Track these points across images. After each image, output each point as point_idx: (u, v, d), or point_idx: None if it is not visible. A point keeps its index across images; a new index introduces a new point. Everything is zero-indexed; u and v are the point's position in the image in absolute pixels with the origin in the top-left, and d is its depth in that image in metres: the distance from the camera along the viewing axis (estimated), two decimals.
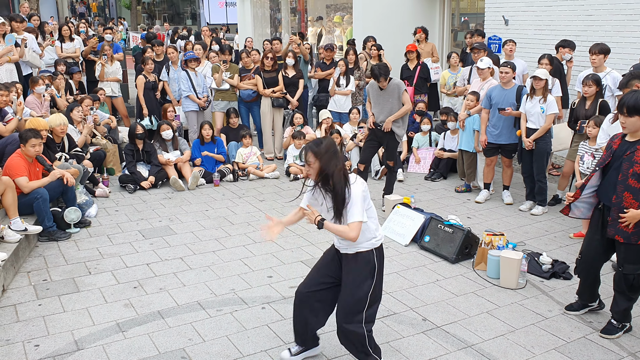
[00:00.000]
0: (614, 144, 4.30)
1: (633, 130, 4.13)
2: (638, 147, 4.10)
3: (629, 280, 4.30)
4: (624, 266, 4.30)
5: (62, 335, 4.43)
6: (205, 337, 4.42)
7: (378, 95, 7.17)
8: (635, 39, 8.05)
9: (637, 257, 4.26)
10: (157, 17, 42.96)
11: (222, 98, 9.75)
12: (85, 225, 6.71)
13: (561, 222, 6.86)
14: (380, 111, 7.16)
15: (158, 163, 8.28)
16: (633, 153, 4.11)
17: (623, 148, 4.20)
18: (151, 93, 9.81)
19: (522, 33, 9.89)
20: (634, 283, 4.30)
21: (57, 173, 6.47)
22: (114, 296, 5.07)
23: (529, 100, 6.89)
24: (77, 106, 8.44)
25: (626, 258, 4.28)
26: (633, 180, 4.10)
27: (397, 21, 12.38)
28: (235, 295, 5.10)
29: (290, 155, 8.92)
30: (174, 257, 5.91)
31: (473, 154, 7.96)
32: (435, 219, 6.22)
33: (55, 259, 5.84)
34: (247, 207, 7.43)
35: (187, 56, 9.49)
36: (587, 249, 4.57)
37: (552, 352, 4.25)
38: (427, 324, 4.63)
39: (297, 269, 5.63)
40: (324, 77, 10.14)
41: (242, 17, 17.85)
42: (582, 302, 4.81)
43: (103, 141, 8.74)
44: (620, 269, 4.33)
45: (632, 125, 4.10)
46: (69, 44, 11.07)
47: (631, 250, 4.24)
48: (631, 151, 4.12)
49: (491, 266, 5.47)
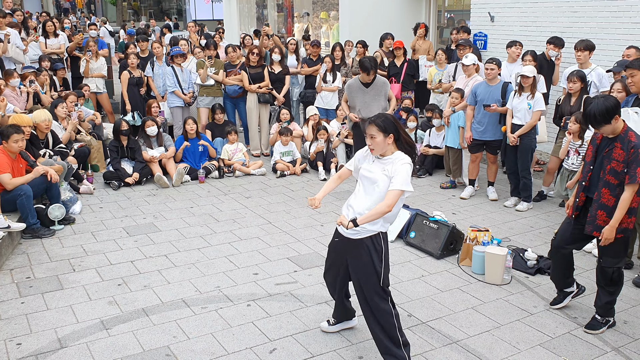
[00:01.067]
0: (597, 138, 4.36)
1: (609, 133, 4.19)
2: (615, 145, 4.16)
3: (608, 274, 4.36)
4: (603, 259, 4.36)
5: (45, 334, 4.39)
6: (189, 334, 4.40)
7: (363, 93, 7.09)
8: (619, 36, 8.11)
9: (615, 251, 4.32)
10: (142, 14, 42.68)
11: (207, 94, 9.70)
12: (69, 222, 6.65)
13: (546, 218, 6.90)
14: (368, 109, 7.05)
15: (142, 160, 8.22)
16: (611, 150, 4.18)
17: (603, 144, 4.27)
18: (135, 89, 9.73)
19: (508, 30, 9.92)
20: (613, 277, 4.36)
21: (41, 169, 6.40)
22: (98, 294, 5.03)
23: (517, 97, 6.92)
24: (61, 102, 8.36)
25: (605, 252, 4.34)
26: (610, 176, 4.17)
27: (383, 18, 12.38)
28: (221, 292, 5.08)
29: (277, 151, 8.89)
30: (159, 254, 5.87)
31: (458, 151, 7.98)
32: (421, 214, 6.23)
33: (39, 257, 5.78)
34: (233, 204, 7.40)
35: (173, 52, 9.42)
36: (561, 233, 4.63)
37: (537, 348, 4.28)
38: (412, 320, 4.64)
39: (283, 266, 5.62)
40: (311, 73, 10.12)
41: (228, 14, 17.76)
42: (560, 292, 4.84)
43: (87, 138, 8.66)
44: (600, 262, 4.40)
45: (607, 131, 4.17)
46: (53, 39, 10.96)
47: (612, 244, 4.28)
48: (609, 148, 4.19)
49: (476, 262, 5.49)
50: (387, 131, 3.73)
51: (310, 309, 4.78)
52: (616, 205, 4.16)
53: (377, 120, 3.74)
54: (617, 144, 4.15)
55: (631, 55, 6.95)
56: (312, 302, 4.89)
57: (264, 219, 6.86)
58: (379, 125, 3.72)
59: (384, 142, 3.74)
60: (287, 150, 8.87)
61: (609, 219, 4.19)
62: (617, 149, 4.14)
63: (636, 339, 4.39)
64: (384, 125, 3.73)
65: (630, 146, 4.08)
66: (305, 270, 5.50)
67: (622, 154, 4.11)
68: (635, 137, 4.13)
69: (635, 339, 4.39)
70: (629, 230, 4.28)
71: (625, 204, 4.13)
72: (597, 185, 4.28)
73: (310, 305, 4.84)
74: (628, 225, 4.24)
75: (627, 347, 4.30)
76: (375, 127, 3.72)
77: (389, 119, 3.78)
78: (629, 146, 4.08)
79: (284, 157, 8.83)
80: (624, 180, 4.12)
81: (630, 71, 5.19)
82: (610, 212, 4.19)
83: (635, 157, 4.05)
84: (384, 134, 3.73)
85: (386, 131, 3.73)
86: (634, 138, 4.12)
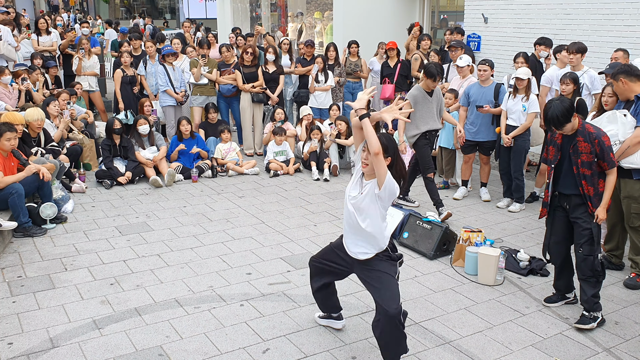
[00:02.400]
0: (557, 139, 4.59)
1: (569, 131, 4.46)
2: (578, 139, 4.44)
3: (590, 262, 4.49)
4: (583, 248, 4.51)
5: (37, 333, 4.36)
6: (182, 334, 4.39)
7: (427, 102, 6.77)
8: (612, 38, 8.15)
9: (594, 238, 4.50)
10: (135, 12, 42.51)
11: (200, 93, 9.68)
12: (61, 221, 6.61)
13: (538, 219, 6.92)
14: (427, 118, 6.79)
15: (135, 158, 8.19)
16: (576, 145, 4.45)
17: (565, 142, 4.53)
18: (128, 87, 9.69)
19: (501, 31, 9.96)
20: (595, 264, 4.49)
21: (33, 168, 6.36)
22: (90, 293, 5.00)
23: (511, 98, 6.95)
24: (53, 100, 8.31)
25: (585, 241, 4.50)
26: (584, 169, 4.46)
27: (377, 18, 12.39)
28: (214, 292, 5.07)
29: (270, 151, 8.87)
30: (151, 253, 5.85)
31: (452, 151, 8.00)
32: (414, 215, 6.24)
33: (31, 255, 5.75)
34: (226, 204, 7.39)
35: (165, 51, 9.39)
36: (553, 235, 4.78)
37: (529, 349, 4.30)
38: (405, 321, 4.64)
39: (277, 266, 5.61)
40: (304, 73, 10.11)
41: (222, 12, 17.72)
42: (559, 294, 4.92)
43: (80, 136, 8.62)
44: (580, 251, 4.53)
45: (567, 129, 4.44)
46: (45, 37, 10.90)
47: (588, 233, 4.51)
48: (573, 144, 4.47)
49: (469, 263, 5.50)
50: (387, 152, 3.65)
51: (304, 309, 4.78)
52: (596, 192, 4.46)
53: (382, 138, 3.65)
54: (579, 138, 4.44)
55: (619, 57, 6.99)
56: (305, 302, 4.89)
57: (257, 219, 6.85)
58: (383, 143, 3.61)
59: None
60: (280, 150, 8.87)
61: (595, 207, 4.48)
62: (581, 142, 4.43)
63: (627, 340, 4.42)
64: (387, 144, 3.65)
65: (592, 137, 4.39)
66: (298, 270, 5.50)
67: (587, 146, 4.40)
68: (594, 128, 4.46)
69: (626, 340, 4.42)
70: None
71: (611, 185, 4.48)
72: (564, 182, 4.56)
73: (304, 305, 4.84)
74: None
75: (619, 347, 4.33)
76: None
77: (393, 142, 3.73)
78: (591, 138, 4.39)
79: (278, 157, 8.83)
80: (596, 170, 4.43)
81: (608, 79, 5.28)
82: (592, 200, 4.47)
83: (602, 145, 4.37)
84: (385, 153, 3.62)
85: (387, 152, 3.65)
86: (592, 129, 4.44)
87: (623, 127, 5.02)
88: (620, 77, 5.13)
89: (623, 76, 5.11)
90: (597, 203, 4.48)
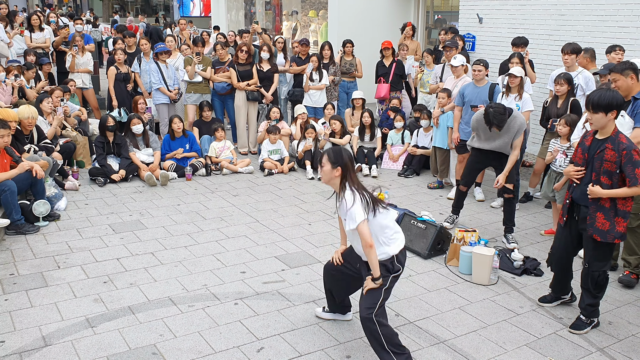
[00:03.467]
0: (587, 141, 4.41)
1: (599, 127, 4.24)
2: (607, 146, 4.21)
3: (594, 278, 4.41)
4: (591, 263, 4.40)
5: (29, 331, 4.33)
6: (176, 333, 4.37)
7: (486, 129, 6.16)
8: (606, 40, 8.18)
9: (605, 255, 4.39)
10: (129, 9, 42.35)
11: (194, 91, 9.64)
12: (54, 218, 6.57)
13: (532, 219, 6.95)
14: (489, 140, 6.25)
15: (128, 156, 8.15)
16: (603, 151, 4.23)
17: (594, 146, 4.31)
18: (122, 85, 9.65)
19: (496, 32, 9.98)
20: (598, 280, 4.42)
21: (26, 165, 6.32)
22: (84, 291, 4.97)
23: (505, 98, 6.96)
24: (46, 97, 8.26)
25: (595, 256, 4.39)
26: (604, 177, 4.23)
27: (372, 17, 12.40)
28: (208, 290, 5.05)
29: (264, 149, 8.85)
30: (145, 251, 5.83)
31: (446, 151, 8.01)
32: (409, 214, 6.24)
33: (23, 253, 5.71)
34: (220, 202, 7.37)
35: (157, 48, 9.35)
36: (557, 242, 4.72)
37: (524, 348, 4.30)
38: (399, 320, 4.65)
39: (271, 264, 5.60)
40: (299, 72, 10.10)
41: (216, 10, 17.69)
42: (554, 295, 4.91)
43: (73, 133, 8.57)
44: (586, 266, 4.45)
45: (597, 121, 4.20)
46: (38, 33, 10.83)
47: (602, 249, 4.36)
48: (601, 149, 4.24)
49: (463, 262, 5.51)
50: (335, 164, 3.80)
51: (298, 308, 4.77)
52: (614, 207, 4.23)
53: (329, 151, 3.87)
54: (609, 145, 4.21)
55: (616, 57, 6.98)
56: (299, 301, 4.88)
57: (251, 217, 6.83)
58: (330, 156, 3.82)
59: (331, 173, 3.82)
60: (275, 149, 8.85)
61: (607, 221, 4.25)
62: (609, 150, 4.20)
63: (621, 340, 4.44)
64: (334, 157, 3.81)
65: (621, 148, 4.14)
66: (292, 269, 5.49)
67: (614, 155, 4.16)
68: (626, 139, 4.20)
69: (619, 340, 4.44)
70: (622, 235, 4.31)
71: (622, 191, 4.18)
72: (579, 190, 4.37)
73: (298, 304, 4.83)
74: (621, 229, 4.29)
75: (612, 347, 4.34)
76: (326, 157, 3.84)
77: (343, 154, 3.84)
78: (620, 148, 4.14)
79: (272, 156, 8.81)
80: (617, 182, 4.19)
81: (614, 75, 5.21)
82: (607, 214, 4.25)
83: (630, 158, 4.12)
84: (332, 165, 3.80)
85: (335, 163, 3.80)
86: (624, 140, 4.19)
87: (621, 127, 5.01)
88: (630, 73, 5.12)
89: (632, 72, 5.12)
90: (612, 219, 4.23)
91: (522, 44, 8.24)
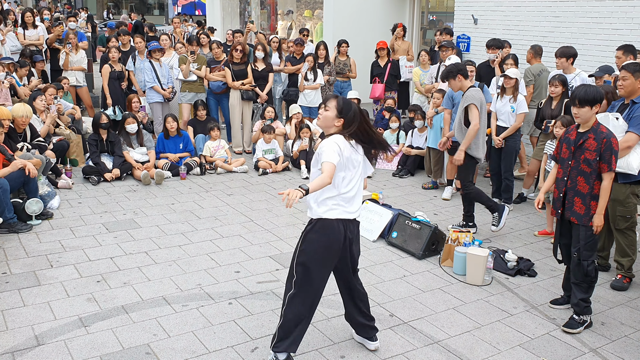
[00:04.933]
0: (571, 135, 4.62)
1: (584, 120, 4.49)
2: (589, 136, 4.47)
3: (584, 268, 4.50)
4: (580, 252, 4.52)
5: (22, 330, 4.31)
6: (170, 332, 4.35)
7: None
8: (599, 42, 8.22)
9: (594, 243, 4.54)
10: (123, 7, 42.22)
11: (189, 89, 9.61)
12: (47, 217, 6.54)
13: (526, 220, 6.97)
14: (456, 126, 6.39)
15: (122, 154, 8.11)
16: (585, 141, 4.48)
17: (577, 138, 4.55)
18: (116, 83, 9.61)
19: (491, 33, 9.99)
20: (588, 271, 4.50)
21: (19, 163, 6.28)
22: (77, 290, 4.95)
23: (499, 100, 6.98)
24: (39, 95, 8.21)
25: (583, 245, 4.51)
26: (584, 165, 4.49)
27: (367, 18, 12.40)
28: (202, 290, 5.03)
29: (259, 149, 8.84)
30: (139, 251, 5.81)
31: (440, 152, 8.01)
32: (403, 215, 6.25)
33: (16, 252, 5.68)
34: (215, 201, 7.35)
35: (151, 47, 9.32)
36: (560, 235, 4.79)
37: (517, 349, 4.32)
38: (394, 320, 4.65)
39: (265, 264, 5.59)
40: (294, 71, 10.09)
41: (211, 9, 17.65)
42: (566, 296, 4.93)
43: (66, 131, 8.53)
44: (575, 255, 4.54)
45: (583, 115, 4.45)
46: (32, 31, 10.77)
47: (585, 233, 4.51)
48: (583, 139, 4.49)
49: (457, 263, 5.52)
50: (341, 113, 3.71)
51: None
52: (590, 192, 4.47)
53: (340, 99, 3.76)
54: (590, 134, 4.46)
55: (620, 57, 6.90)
56: None
57: (245, 217, 6.82)
58: (339, 104, 3.72)
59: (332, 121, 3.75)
60: (269, 148, 8.84)
61: (584, 205, 4.50)
62: (590, 139, 4.45)
63: (613, 340, 4.46)
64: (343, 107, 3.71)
65: (602, 136, 4.41)
66: (287, 269, 5.46)
67: (595, 144, 4.43)
68: (606, 129, 4.48)
69: (612, 340, 4.46)
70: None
71: (606, 192, 4.45)
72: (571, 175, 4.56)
73: None
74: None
75: (605, 348, 4.36)
76: (335, 102, 3.73)
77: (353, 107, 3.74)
78: (601, 136, 4.41)
79: (267, 155, 8.80)
80: (596, 169, 4.44)
81: (624, 73, 5.18)
82: (584, 198, 4.49)
83: (609, 145, 4.38)
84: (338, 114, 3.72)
85: (341, 112, 3.71)
86: (604, 129, 4.48)
87: (614, 130, 5.05)
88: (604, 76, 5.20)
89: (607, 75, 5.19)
90: (588, 203, 4.48)
91: (496, 46, 8.28)
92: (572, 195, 4.56)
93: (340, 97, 3.81)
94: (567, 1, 8.70)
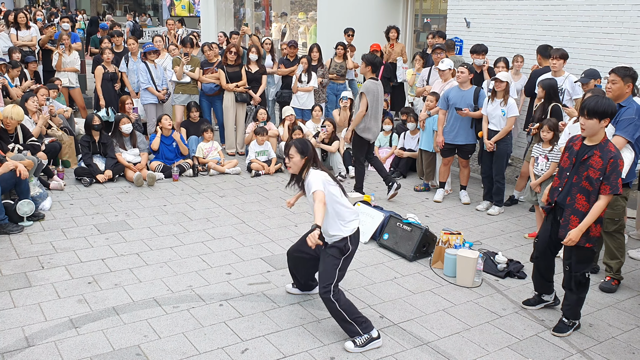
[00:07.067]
0: (575, 145, 4.42)
1: (591, 134, 4.26)
2: (595, 152, 4.24)
3: (576, 278, 4.46)
4: (572, 266, 4.45)
5: (12, 332, 4.31)
6: (161, 333, 4.36)
7: None
8: (589, 45, 8.27)
9: (585, 259, 4.44)
10: (117, 8, 42.15)
11: (182, 91, 9.62)
12: (38, 218, 6.53)
13: (516, 223, 7.01)
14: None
15: (114, 156, 8.11)
16: (590, 157, 4.26)
17: (582, 151, 4.33)
18: (109, 84, 9.61)
19: (483, 36, 10.04)
20: (580, 280, 4.47)
21: (10, 164, 6.28)
22: (68, 291, 4.95)
23: (490, 103, 7.03)
24: (32, 96, 8.20)
25: (575, 259, 4.44)
26: (586, 182, 4.27)
27: (361, 20, 12.42)
28: (193, 292, 5.05)
29: (252, 151, 8.85)
30: (130, 252, 5.81)
31: (432, 154, 8.06)
32: (394, 217, 6.28)
33: (7, 253, 5.67)
34: (207, 203, 7.36)
35: (146, 48, 9.33)
36: (541, 239, 4.74)
37: (506, 350, 4.35)
38: (384, 321, 4.67)
39: (257, 266, 5.61)
40: (287, 73, 10.11)
41: (206, 11, 17.65)
42: (538, 295, 4.94)
43: (59, 132, 8.52)
44: (567, 269, 4.50)
45: (590, 127, 4.22)
46: (24, 31, 10.75)
47: (580, 253, 4.41)
48: (588, 155, 4.27)
49: (448, 265, 5.55)
50: (303, 153, 4.23)
51: (283, 310, 4.78)
52: (588, 211, 4.26)
53: (296, 142, 4.27)
54: (597, 152, 4.23)
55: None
56: (284, 303, 4.89)
57: (237, 219, 6.84)
58: (297, 147, 4.23)
59: (300, 163, 4.25)
60: (262, 150, 8.86)
61: None
62: (596, 156, 4.22)
63: (601, 342, 4.50)
64: (302, 148, 4.23)
65: (609, 156, 4.17)
66: (278, 271, 5.50)
67: (600, 162, 4.19)
68: (615, 148, 4.23)
69: (600, 342, 4.50)
70: (596, 239, 4.40)
71: (597, 212, 4.23)
72: (571, 191, 4.37)
73: (283, 306, 4.84)
74: (596, 234, 4.36)
75: (592, 349, 4.40)
76: (294, 148, 4.24)
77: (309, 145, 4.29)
78: (608, 156, 4.17)
79: (259, 157, 8.81)
80: (599, 189, 4.22)
81: (614, 77, 5.18)
82: (583, 218, 4.28)
83: (615, 167, 4.15)
84: (301, 155, 4.23)
85: (303, 152, 4.23)
86: (613, 148, 4.22)
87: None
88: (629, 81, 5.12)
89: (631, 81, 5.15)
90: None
91: (482, 51, 8.35)
92: (569, 212, 4.36)
93: (293, 141, 4.32)
94: (558, 5, 8.75)
